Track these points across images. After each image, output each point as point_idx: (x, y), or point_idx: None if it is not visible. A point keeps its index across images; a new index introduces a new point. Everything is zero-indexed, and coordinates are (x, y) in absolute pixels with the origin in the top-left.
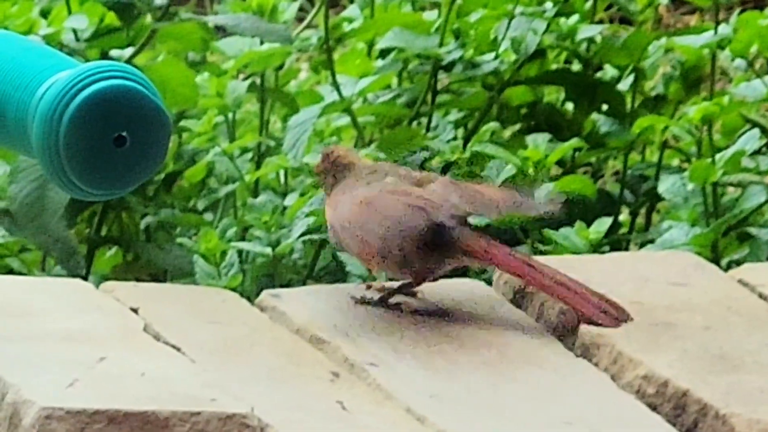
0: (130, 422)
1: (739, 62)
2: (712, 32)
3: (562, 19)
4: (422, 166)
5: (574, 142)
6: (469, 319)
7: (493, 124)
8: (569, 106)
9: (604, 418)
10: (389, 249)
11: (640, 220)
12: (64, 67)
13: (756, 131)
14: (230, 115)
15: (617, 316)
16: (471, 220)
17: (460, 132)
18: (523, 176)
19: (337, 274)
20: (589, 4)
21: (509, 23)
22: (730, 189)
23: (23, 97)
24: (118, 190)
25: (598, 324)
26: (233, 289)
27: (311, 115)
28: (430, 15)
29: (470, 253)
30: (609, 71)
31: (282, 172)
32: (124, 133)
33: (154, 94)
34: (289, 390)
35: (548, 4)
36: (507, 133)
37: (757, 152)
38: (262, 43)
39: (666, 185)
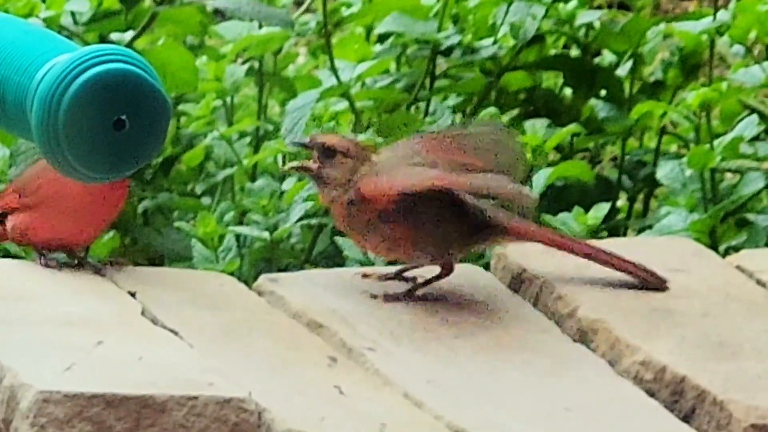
0: (127, 406)
1: (738, 48)
2: (710, 18)
3: (561, 5)
4: None
5: (572, 127)
6: (467, 304)
7: (492, 110)
8: (567, 91)
9: (601, 403)
10: (434, 247)
11: (638, 205)
12: (63, 50)
13: (754, 117)
14: (228, 99)
15: (659, 277)
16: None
17: (458, 117)
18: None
19: (334, 258)
20: None
21: (508, 8)
22: (728, 175)
23: (22, 81)
24: (116, 173)
25: (646, 283)
26: (231, 274)
27: (309, 99)
28: (428, 0)
29: (508, 231)
30: (607, 57)
31: (280, 157)
32: (123, 117)
33: (153, 78)
34: (287, 374)
35: None
36: (505, 118)
37: (756, 138)
38: (260, 27)
39: (664, 171)
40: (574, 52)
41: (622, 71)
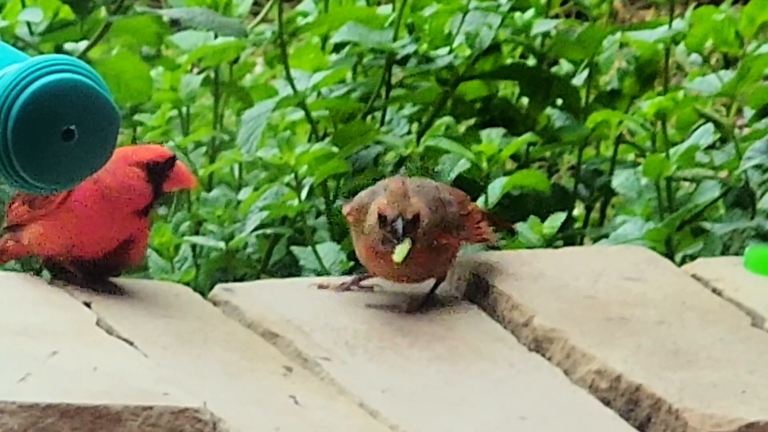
0: (82, 416)
1: (694, 57)
2: (666, 27)
3: (517, 14)
4: (376, 161)
5: (529, 136)
6: (422, 313)
7: (448, 119)
8: (524, 100)
9: (557, 412)
10: None
11: (595, 214)
12: (12, 60)
13: (710, 126)
14: (184, 109)
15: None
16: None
17: (414, 126)
18: (477, 170)
19: (290, 268)
20: None
21: (463, 18)
22: (684, 184)
23: None
24: (65, 183)
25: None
26: (186, 284)
27: (265, 109)
28: (384, 9)
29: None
30: (564, 66)
31: (236, 167)
32: (72, 127)
33: (102, 88)
34: (242, 384)
35: None
36: (461, 127)
37: (711, 147)
38: (216, 37)
39: (620, 180)
40: (531, 61)
41: (579, 80)
